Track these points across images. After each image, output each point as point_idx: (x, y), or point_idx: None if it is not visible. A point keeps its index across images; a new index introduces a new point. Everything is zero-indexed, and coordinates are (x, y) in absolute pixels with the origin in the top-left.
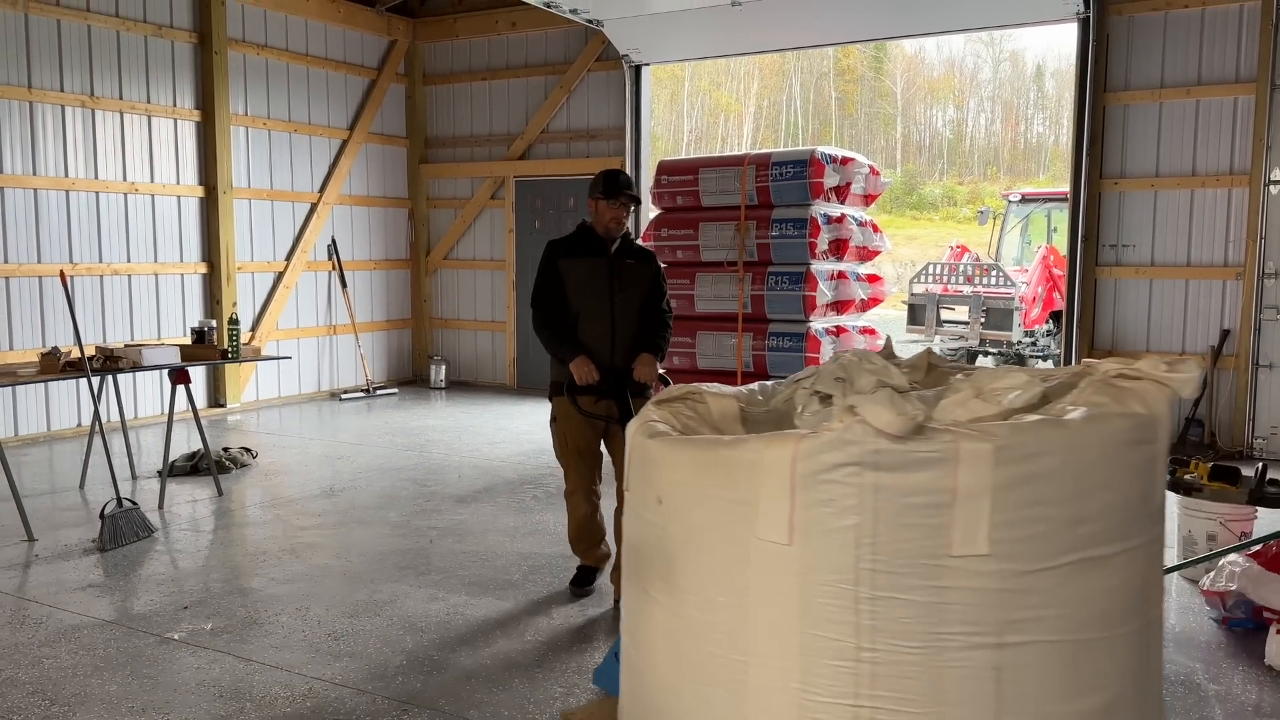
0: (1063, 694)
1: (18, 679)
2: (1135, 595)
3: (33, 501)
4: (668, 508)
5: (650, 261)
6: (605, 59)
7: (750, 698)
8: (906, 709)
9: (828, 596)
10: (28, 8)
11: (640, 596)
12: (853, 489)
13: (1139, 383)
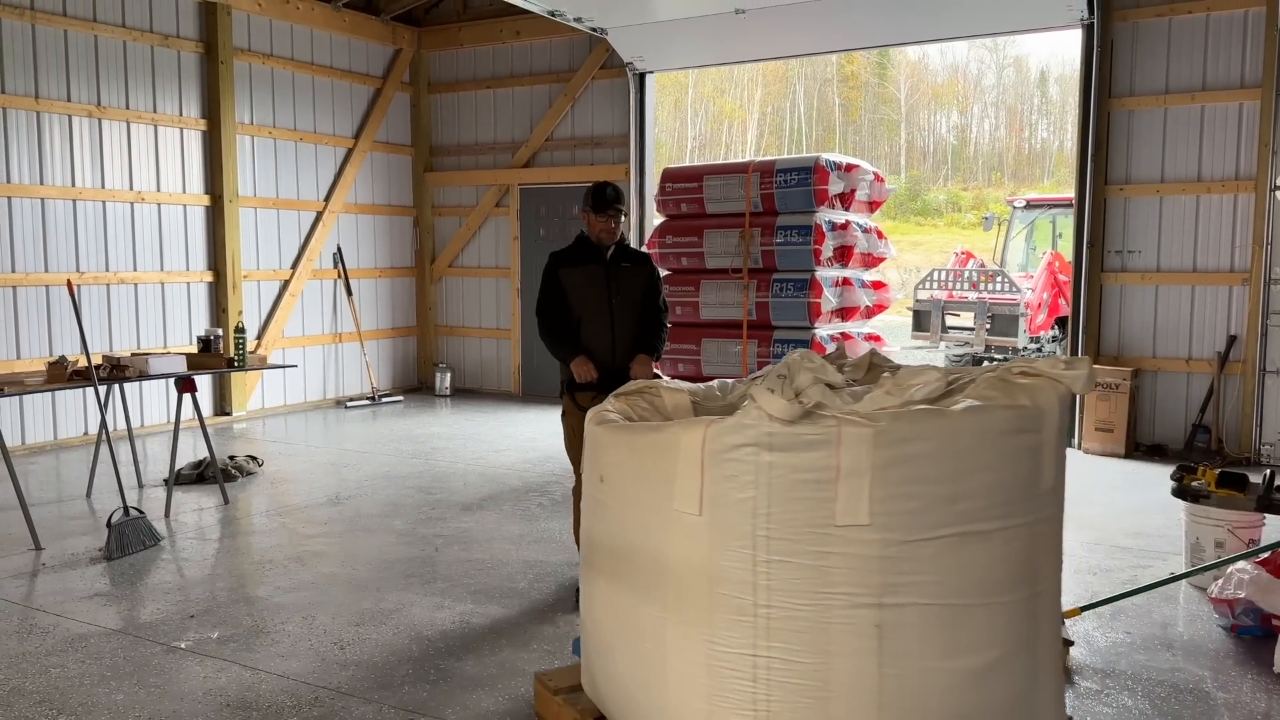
0: (943, 652)
1: (25, 688)
2: (1019, 568)
3: (40, 510)
4: (608, 485)
5: (645, 263)
6: (609, 67)
7: (669, 651)
8: (797, 659)
9: (731, 560)
10: (35, 18)
11: (588, 565)
12: (750, 466)
13: (1034, 379)
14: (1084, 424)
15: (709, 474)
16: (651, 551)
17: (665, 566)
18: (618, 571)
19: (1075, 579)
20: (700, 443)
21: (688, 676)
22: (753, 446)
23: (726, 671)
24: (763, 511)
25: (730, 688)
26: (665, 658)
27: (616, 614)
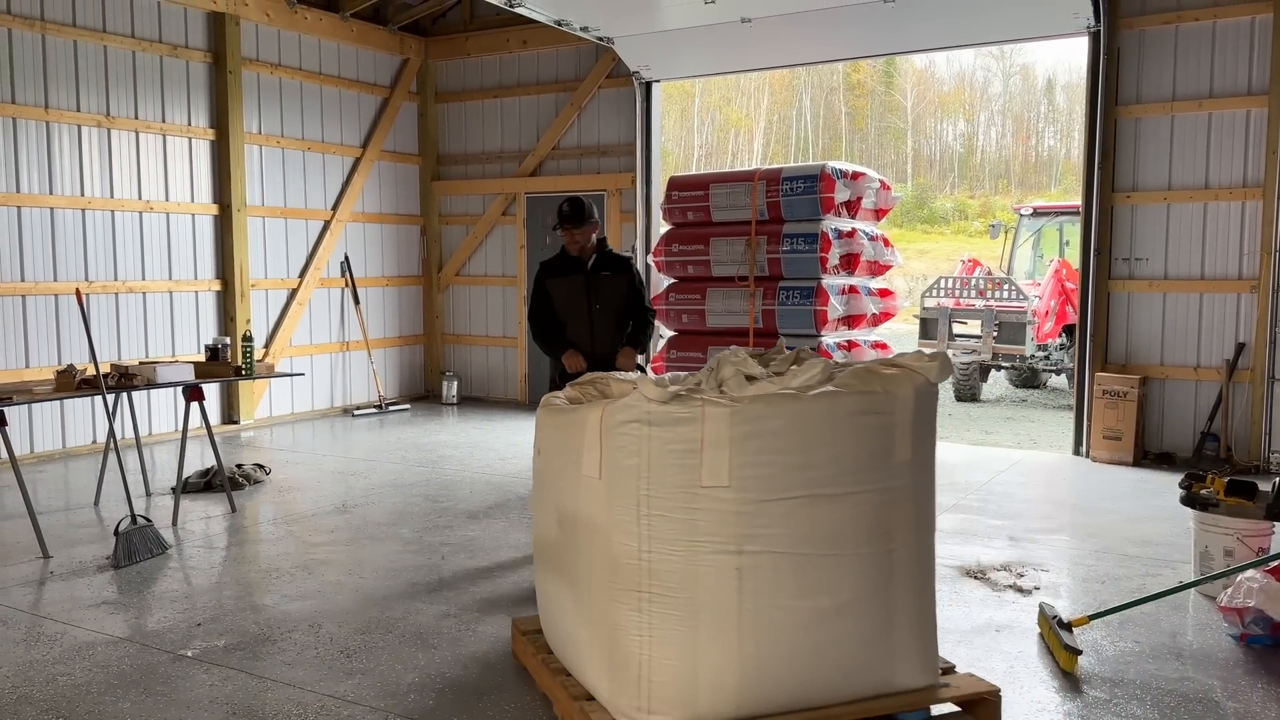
0: (794, 593)
1: (32, 696)
2: (869, 527)
3: (48, 518)
4: (542, 457)
5: (626, 271)
6: (616, 76)
7: (580, 586)
8: (672, 595)
9: (621, 515)
10: (45, 29)
11: (534, 519)
12: (634, 439)
13: (896, 370)
14: (1092, 432)
15: (605, 445)
16: (570, 509)
17: (577, 520)
18: (546, 526)
19: (1083, 587)
20: (599, 420)
21: (592, 607)
22: (636, 423)
23: (620, 605)
24: (644, 475)
25: (623, 617)
26: (579, 595)
27: (549, 559)
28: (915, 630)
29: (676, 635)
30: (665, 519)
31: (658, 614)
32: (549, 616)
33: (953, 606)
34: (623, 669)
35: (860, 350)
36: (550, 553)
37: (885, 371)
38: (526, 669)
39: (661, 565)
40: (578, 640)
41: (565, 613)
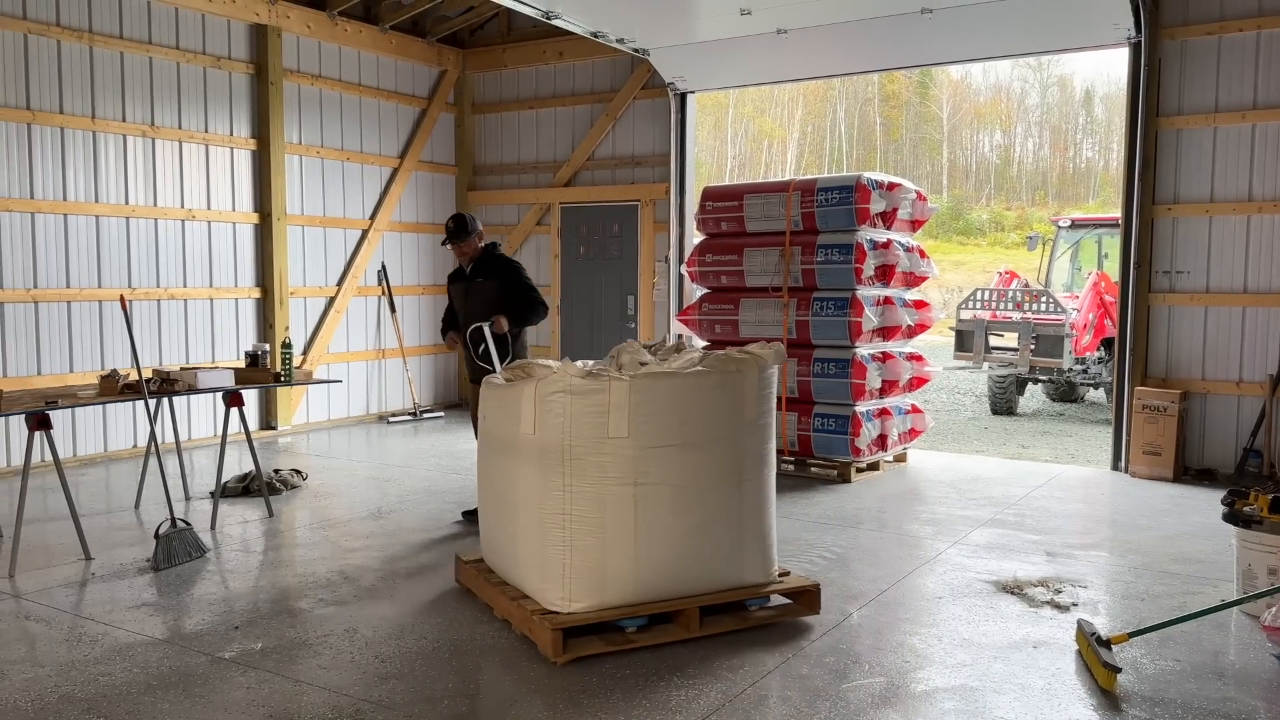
0: (674, 513)
1: (74, 695)
2: (725, 467)
3: (90, 521)
4: (488, 422)
5: (497, 275)
6: (651, 87)
7: (520, 517)
8: (588, 516)
9: (551, 460)
10: (93, 40)
11: (479, 472)
12: (560, 404)
13: (745, 356)
14: (1131, 447)
15: (539, 409)
16: (508, 459)
17: (517, 465)
18: (491, 472)
19: (1122, 604)
20: (534, 392)
21: (528, 528)
22: (562, 393)
23: (550, 526)
24: (568, 430)
25: (552, 534)
26: (517, 524)
27: (491, 498)
28: (759, 542)
29: (591, 545)
30: (583, 461)
31: (578, 531)
32: (491, 545)
33: (988, 621)
34: (551, 571)
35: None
36: (494, 495)
37: (737, 356)
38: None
39: (580, 495)
40: (516, 557)
41: (506, 538)
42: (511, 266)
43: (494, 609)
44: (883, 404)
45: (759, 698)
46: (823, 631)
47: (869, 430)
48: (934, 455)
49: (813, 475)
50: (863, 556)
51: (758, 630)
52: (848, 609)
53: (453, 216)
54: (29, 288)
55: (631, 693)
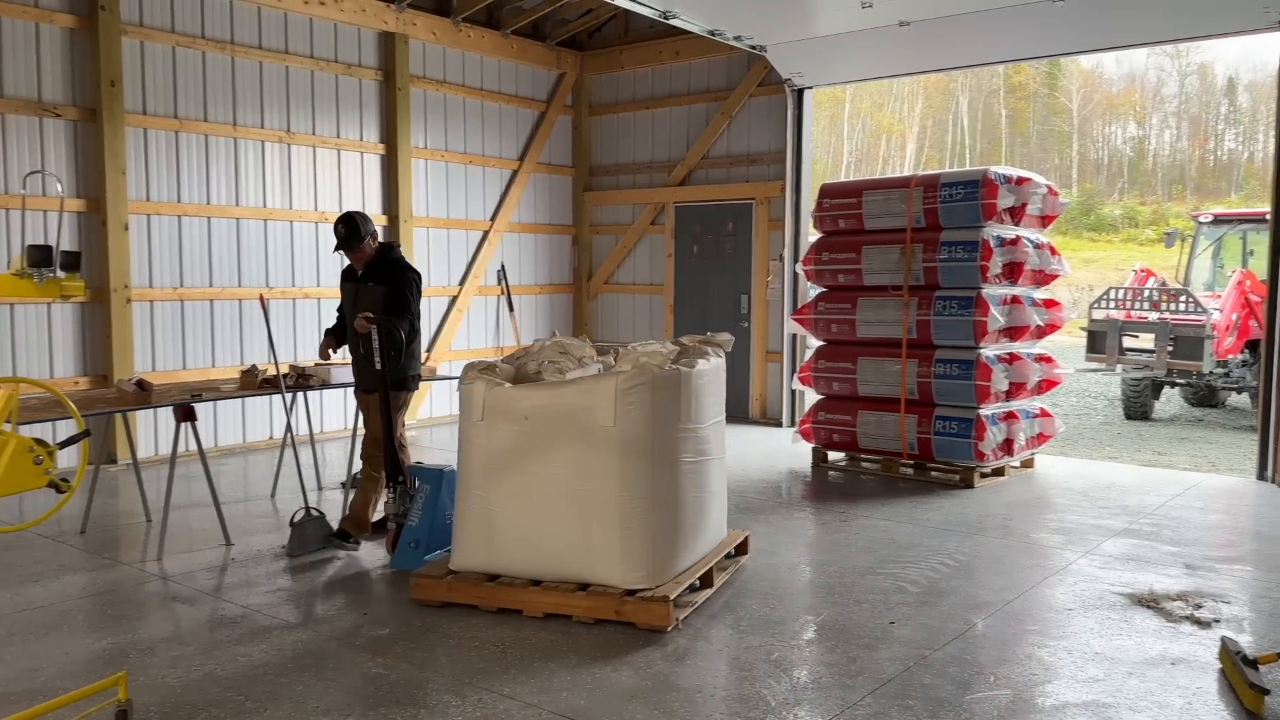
0: (694, 487)
1: (216, 674)
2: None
3: (229, 508)
4: (532, 421)
5: (385, 281)
6: (767, 84)
7: (594, 507)
8: (668, 496)
9: (637, 447)
10: (234, 51)
11: (492, 478)
12: (641, 398)
13: (711, 346)
14: (1279, 455)
15: (619, 403)
16: (574, 452)
17: (589, 460)
18: (530, 474)
19: (1270, 622)
20: (614, 386)
21: (605, 517)
22: (644, 386)
23: (634, 509)
24: (651, 417)
25: (635, 517)
26: (589, 517)
27: (530, 500)
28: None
29: (668, 523)
30: (667, 446)
31: (661, 511)
32: (510, 549)
33: (1122, 636)
34: (628, 552)
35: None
36: (532, 493)
37: (706, 348)
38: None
39: (665, 476)
40: (579, 549)
41: (555, 534)
42: (401, 273)
43: (524, 610)
44: (1009, 407)
45: (878, 709)
46: (945, 640)
47: (994, 434)
48: (1063, 461)
49: (933, 480)
50: (987, 565)
51: (855, 623)
52: (972, 618)
53: (341, 219)
54: (175, 286)
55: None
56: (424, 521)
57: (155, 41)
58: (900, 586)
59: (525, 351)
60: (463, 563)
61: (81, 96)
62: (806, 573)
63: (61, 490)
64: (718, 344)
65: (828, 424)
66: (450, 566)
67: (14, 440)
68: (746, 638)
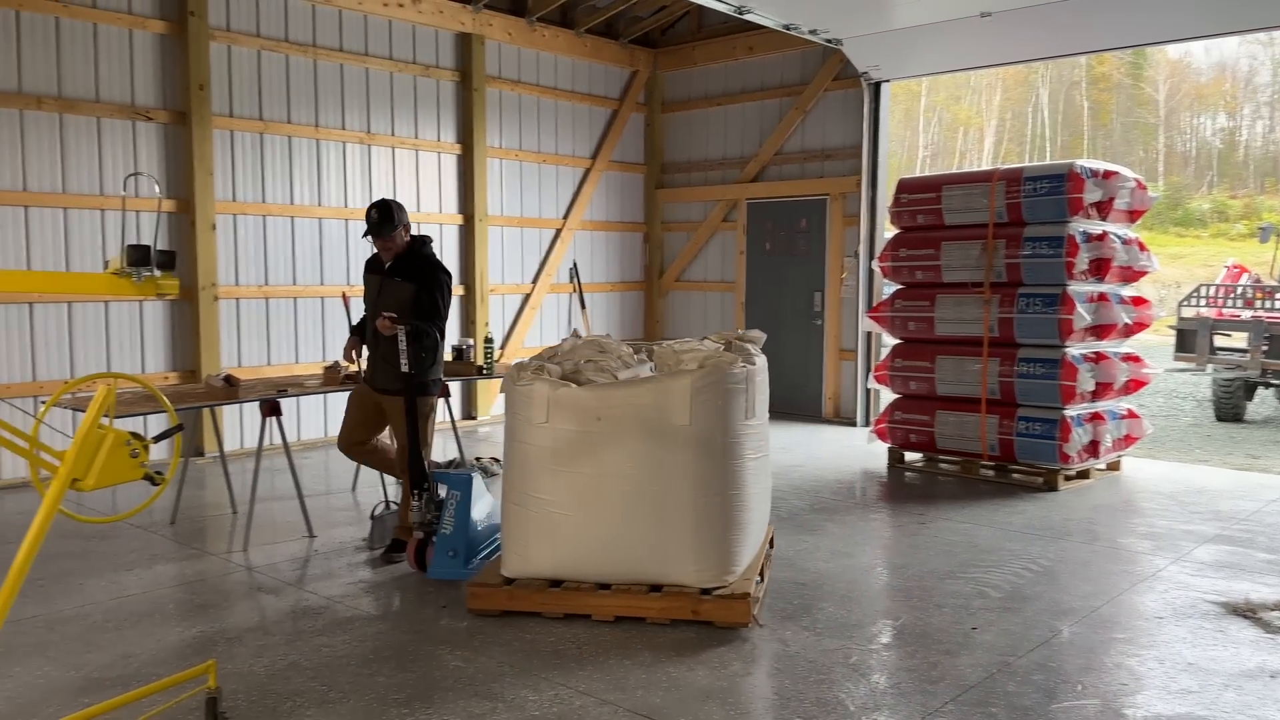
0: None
1: (300, 664)
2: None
3: (312, 501)
4: (604, 421)
5: (415, 279)
6: (843, 77)
7: (668, 508)
8: (741, 490)
9: (709, 445)
10: (316, 54)
11: (558, 480)
12: (714, 394)
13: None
14: None
15: (693, 401)
16: (647, 451)
17: (663, 458)
18: (602, 473)
19: None
20: (689, 384)
21: (679, 517)
22: (716, 384)
23: (709, 505)
24: (722, 416)
25: (712, 514)
26: (664, 514)
27: (599, 498)
28: None
29: (739, 519)
30: (736, 441)
31: (731, 511)
32: (570, 553)
33: (1217, 646)
34: (702, 552)
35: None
36: (599, 490)
37: (747, 345)
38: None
39: (734, 474)
40: (654, 550)
41: (631, 534)
42: (432, 272)
43: (593, 614)
44: (1095, 408)
45: (960, 716)
46: (1030, 647)
47: (1079, 435)
48: (1151, 464)
49: (1014, 482)
50: (1073, 570)
51: (935, 628)
52: (1058, 625)
53: (375, 204)
54: (260, 284)
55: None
56: (459, 529)
57: (241, 45)
58: (982, 591)
59: (554, 351)
60: (520, 569)
61: (172, 100)
62: (883, 575)
63: (155, 483)
64: (751, 340)
65: (904, 424)
66: (505, 574)
67: (112, 434)
68: (823, 640)
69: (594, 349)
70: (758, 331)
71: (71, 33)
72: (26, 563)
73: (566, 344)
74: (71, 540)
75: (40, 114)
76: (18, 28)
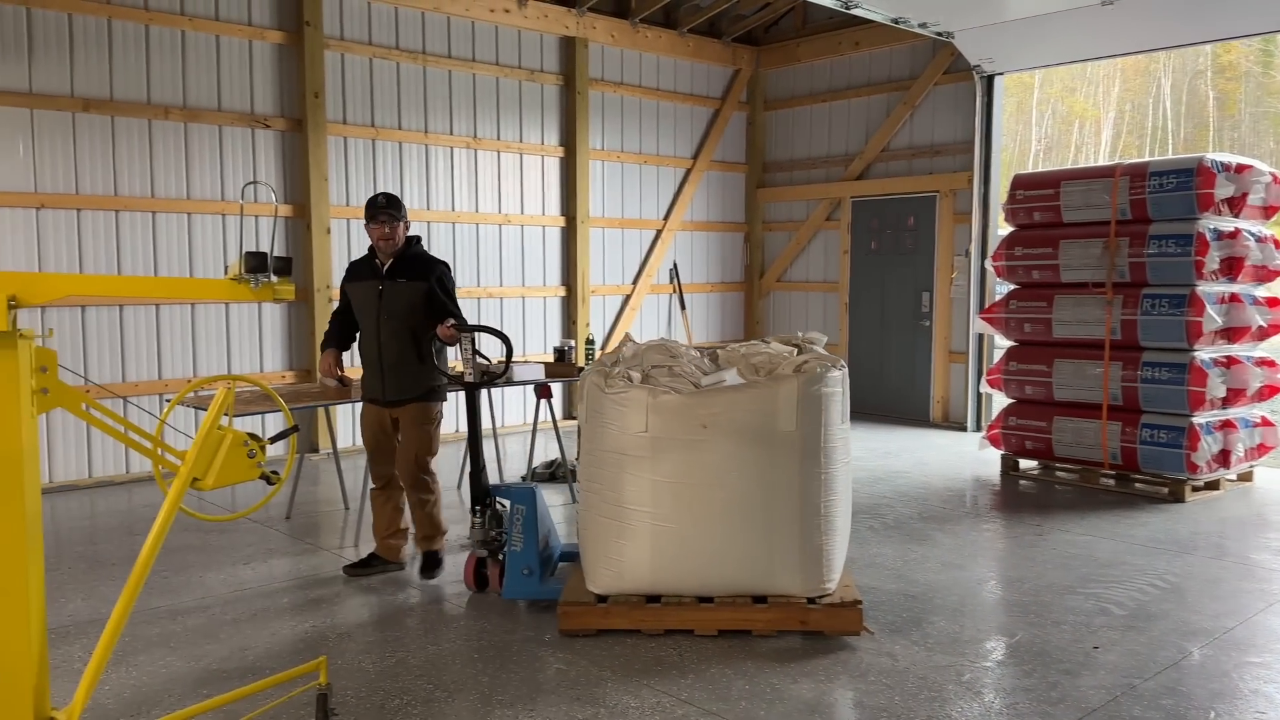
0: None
1: (408, 661)
2: None
3: None
4: (711, 429)
5: (426, 277)
6: (953, 71)
7: (775, 516)
8: (837, 499)
9: (813, 450)
10: (426, 60)
11: (659, 493)
12: (821, 397)
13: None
14: None
15: (799, 405)
16: (753, 455)
17: (772, 460)
18: (706, 481)
19: None
20: (796, 389)
21: (786, 525)
22: (819, 388)
23: (810, 514)
24: (823, 421)
25: (812, 522)
26: (772, 517)
27: (700, 499)
28: None
29: (838, 526)
30: (836, 448)
31: (832, 516)
32: (684, 565)
33: None
34: (809, 560)
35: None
36: (697, 493)
37: (821, 350)
38: (606, 630)
39: (834, 478)
40: (760, 559)
41: (738, 545)
42: (440, 267)
43: (695, 629)
44: (1226, 415)
45: None
46: (1157, 669)
47: (1208, 444)
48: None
49: (1137, 493)
50: (1201, 588)
51: (1054, 646)
52: (1187, 646)
53: (382, 193)
54: None
55: None
56: (529, 545)
57: (354, 54)
58: (1103, 608)
59: (616, 357)
60: (614, 585)
61: (289, 108)
62: (997, 589)
63: (271, 482)
64: (813, 340)
65: (1019, 430)
66: (596, 590)
67: (231, 435)
68: (934, 655)
69: (663, 354)
70: (818, 333)
71: (196, 45)
72: (150, 558)
73: (628, 349)
74: (192, 534)
75: (167, 123)
76: (146, 42)
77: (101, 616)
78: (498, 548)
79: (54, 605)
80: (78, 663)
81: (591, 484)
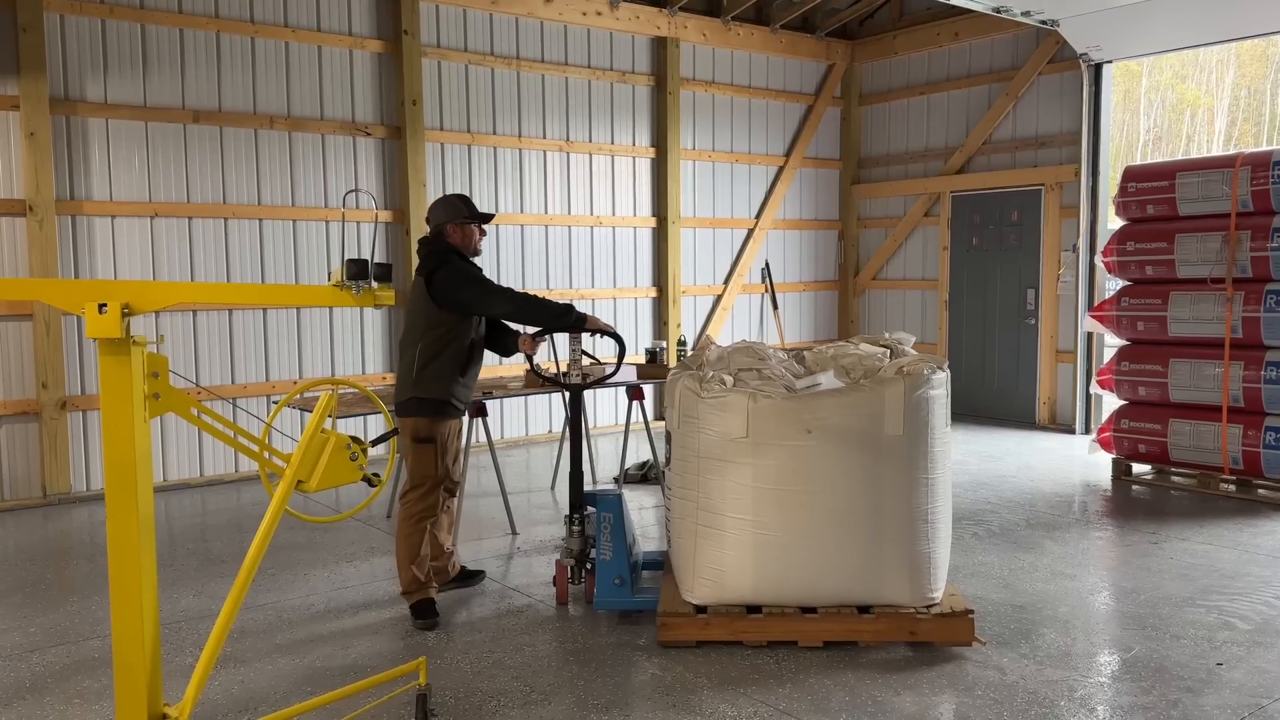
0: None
1: (504, 662)
2: None
3: (513, 498)
4: (815, 434)
5: (430, 279)
6: (1058, 60)
7: (883, 523)
8: (940, 505)
9: (920, 455)
10: (519, 66)
11: (761, 501)
12: (924, 403)
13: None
14: None
15: (906, 409)
16: (859, 461)
17: (877, 466)
18: (812, 488)
19: None
20: (901, 392)
21: (895, 533)
22: (924, 391)
23: (918, 522)
24: (928, 425)
25: (919, 530)
26: (876, 531)
27: (811, 520)
28: None
29: (941, 535)
30: (940, 453)
31: (938, 524)
32: (788, 575)
33: None
34: (916, 569)
35: None
36: (816, 514)
37: (915, 352)
38: (705, 641)
39: (939, 484)
40: (868, 568)
41: (844, 553)
42: (441, 269)
43: (799, 641)
44: None
45: None
46: (1275, 699)
47: None
48: None
49: (1260, 499)
50: None
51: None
52: None
53: (458, 195)
54: None
55: None
56: (618, 554)
57: (451, 61)
58: (1227, 622)
59: (700, 359)
60: (714, 596)
61: (388, 115)
62: (1110, 600)
63: (373, 484)
64: (901, 341)
65: (1132, 433)
66: (694, 601)
67: (333, 438)
68: (1044, 669)
69: (750, 356)
70: (905, 334)
71: (299, 56)
72: (258, 557)
73: (712, 351)
74: (298, 532)
75: (272, 133)
76: (252, 54)
77: (212, 612)
78: (585, 556)
79: (167, 601)
80: (189, 658)
81: (686, 490)
